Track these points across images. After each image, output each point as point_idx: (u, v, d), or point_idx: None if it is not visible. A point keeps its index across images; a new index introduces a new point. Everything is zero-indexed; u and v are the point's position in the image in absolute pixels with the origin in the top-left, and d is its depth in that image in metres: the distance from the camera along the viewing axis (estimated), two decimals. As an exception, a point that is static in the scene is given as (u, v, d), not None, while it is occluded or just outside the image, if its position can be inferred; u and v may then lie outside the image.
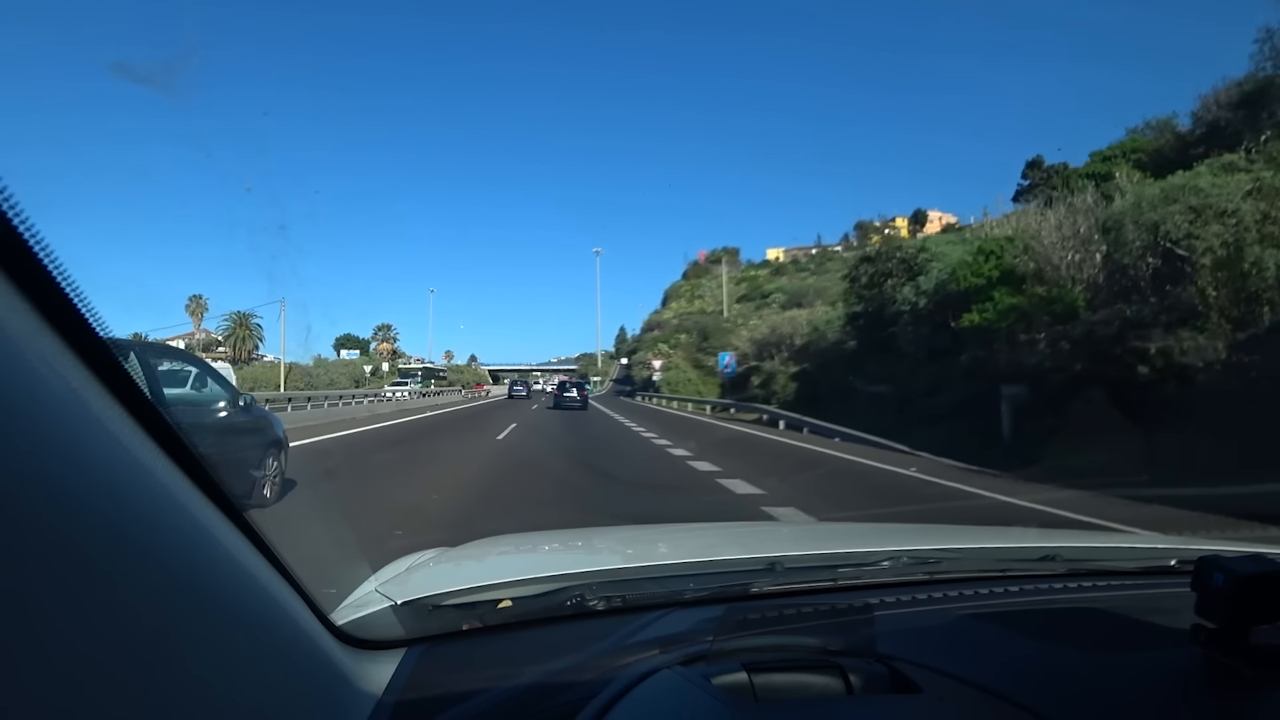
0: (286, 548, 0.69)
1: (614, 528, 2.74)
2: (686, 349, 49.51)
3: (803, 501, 6.45)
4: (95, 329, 0.46)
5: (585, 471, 9.11)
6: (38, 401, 0.40)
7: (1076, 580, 1.24)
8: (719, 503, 6.65)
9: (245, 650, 0.58)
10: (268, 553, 0.65)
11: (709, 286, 67.86)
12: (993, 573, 1.26)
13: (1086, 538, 1.81)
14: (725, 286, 60.13)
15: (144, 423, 0.50)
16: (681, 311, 64.48)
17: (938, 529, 1.95)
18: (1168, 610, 0.89)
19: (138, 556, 0.46)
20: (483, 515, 5.57)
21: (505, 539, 1.75)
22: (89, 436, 0.44)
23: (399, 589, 1.05)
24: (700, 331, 50.49)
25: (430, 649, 0.93)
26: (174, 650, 0.48)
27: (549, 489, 7.38)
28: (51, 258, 0.42)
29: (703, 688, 0.71)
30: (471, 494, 6.79)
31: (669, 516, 5.25)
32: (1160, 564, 1.29)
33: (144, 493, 0.49)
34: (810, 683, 0.75)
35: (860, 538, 1.66)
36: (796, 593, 1.13)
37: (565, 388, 28.69)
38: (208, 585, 0.54)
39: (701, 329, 50.79)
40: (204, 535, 0.54)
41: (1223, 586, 0.67)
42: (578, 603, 1.04)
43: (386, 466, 8.77)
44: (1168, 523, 5.49)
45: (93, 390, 0.46)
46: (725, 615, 0.87)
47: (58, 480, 0.41)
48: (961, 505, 6.92)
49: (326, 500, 6.13)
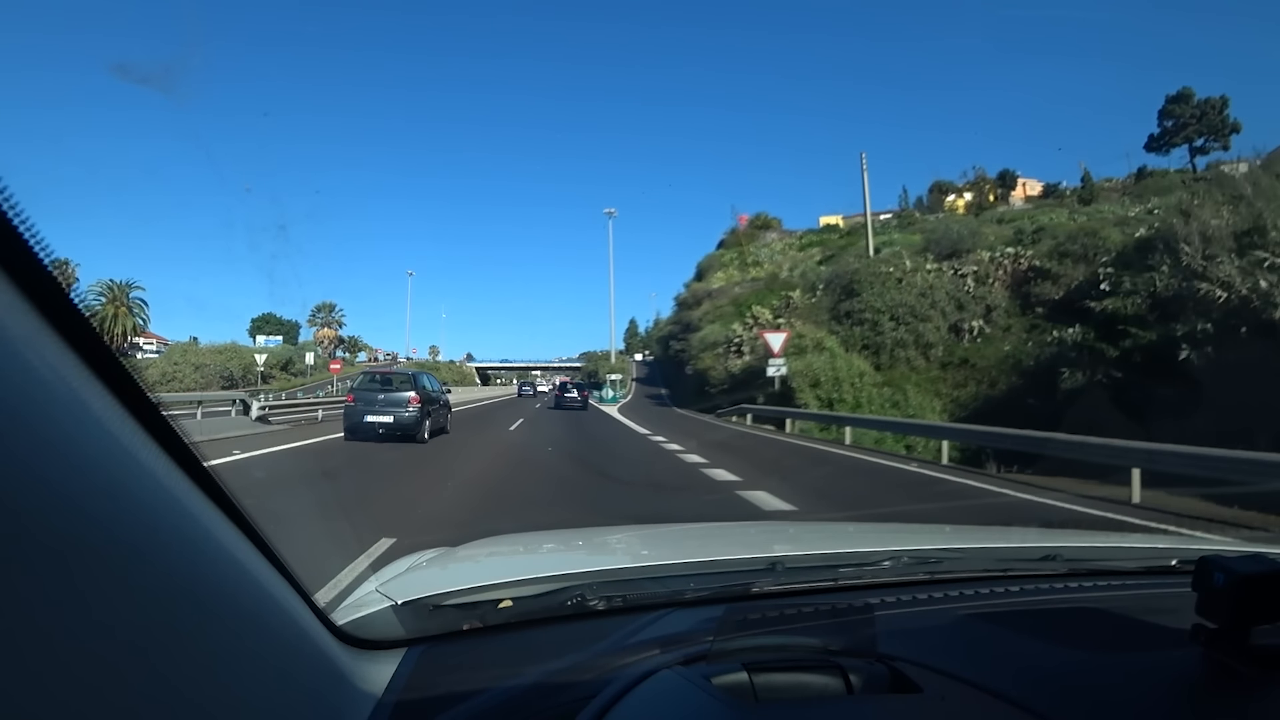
0: (287, 547, 0.69)
1: (614, 527, 2.74)
2: (809, 312, 28.95)
3: None
4: (96, 329, 0.46)
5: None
6: (38, 402, 0.40)
7: (1077, 580, 1.24)
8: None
9: (245, 650, 0.58)
10: (268, 552, 0.65)
11: (766, 253, 51.01)
12: (994, 572, 1.26)
13: (1087, 538, 1.82)
14: (867, 201, 36.23)
15: (144, 423, 0.50)
16: (734, 280, 46.67)
17: (939, 529, 1.95)
18: (1168, 610, 0.89)
19: (138, 556, 0.46)
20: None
21: (505, 539, 1.75)
22: (89, 437, 0.44)
23: (399, 589, 1.05)
24: (839, 283, 29.11)
25: (430, 649, 0.94)
26: (174, 650, 0.48)
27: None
28: (52, 258, 0.42)
29: (703, 688, 0.71)
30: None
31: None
32: (1161, 564, 1.30)
33: (144, 493, 0.48)
34: (811, 682, 0.75)
35: (861, 537, 1.66)
36: (797, 592, 1.14)
37: (566, 388, 30.30)
38: (208, 585, 0.54)
39: (839, 280, 29.44)
40: (204, 535, 0.54)
41: (1223, 586, 0.67)
42: (578, 603, 1.04)
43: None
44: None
45: (93, 390, 0.46)
46: (726, 615, 0.87)
47: (58, 480, 0.40)
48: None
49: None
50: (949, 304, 25.34)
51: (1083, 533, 2.39)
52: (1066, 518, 6.52)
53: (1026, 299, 24.51)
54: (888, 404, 21.17)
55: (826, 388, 21.23)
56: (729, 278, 48.53)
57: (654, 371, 57.88)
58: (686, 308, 49.47)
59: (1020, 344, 22.18)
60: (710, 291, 46.69)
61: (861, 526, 3.19)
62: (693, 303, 48.09)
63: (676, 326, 50.41)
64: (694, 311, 45.11)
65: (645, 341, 78.78)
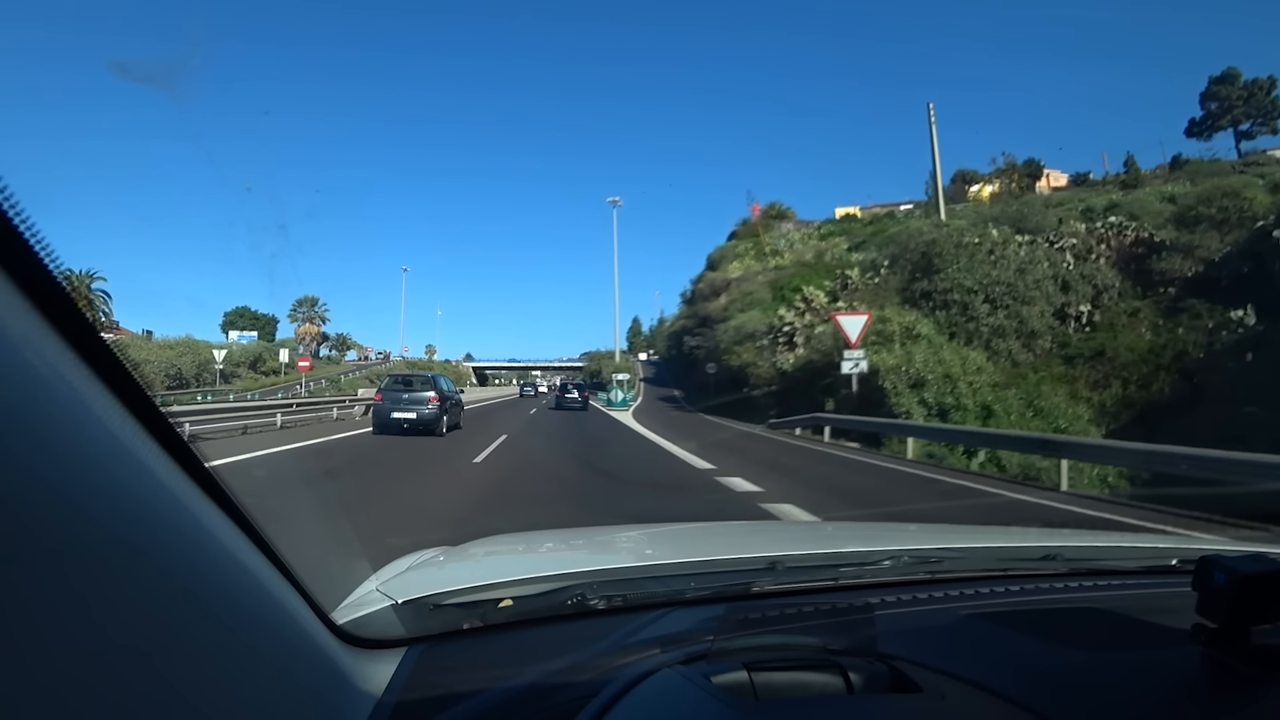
0: (287, 547, 0.70)
1: (615, 527, 2.75)
2: (873, 294, 23.62)
3: None
4: (96, 329, 0.46)
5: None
6: (38, 401, 0.41)
7: (1078, 580, 1.24)
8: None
9: (246, 649, 0.59)
10: (269, 552, 0.65)
11: (784, 242, 44.56)
12: (994, 572, 1.27)
13: (1088, 537, 1.81)
14: (936, 156, 32.47)
15: (145, 422, 0.51)
16: (753, 269, 40.79)
17: (939, 528, 1.95)
18: (1169, 610, 0.89)
19: (138, 556, 0.46)
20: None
21: (506, 538, 1.76)
22: (90, 436, 0.44)
23: (400, 588, 1.06)
24: (909, 257, 23.54)
25: (431, 648, 0.94)
26: (175, 649, 0.49)
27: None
28: (52, 257, 0.42)
29: (703, 687, 0.71)
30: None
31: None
32: (1161, 563, 1.30)
33: (145, 492, 0.49)
34: (811, 682, 0.75)
35: (862, 537, 1.66)
36: (797, 592, 1.14)
37: (566, 389, 30.79)
38: (209, 584, 0.54)
39: (909, 253, 23.76)
40: (205, 534, 0.55)
41: (1224, 586, 0.67)
42: (578, 602, 1.04)
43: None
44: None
45: (93, 390, 0.46)
46: (726, 614, 0.87)
47: (58, 480, 0.41)
48: None
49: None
50: (1052, 284, 20.80)
51: (1083, 532, 2.39)
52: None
53: (1142, 276, 20.84)
54: (1027, 411, 16.33)
55: (935, 390, 15.76)
56: (746, 267, 42.29)
57: (662, 371, 54.56)
58: (702, 299, 44.13)
59: (1161, 330, 18.28)
60: (729, 280, 40.70)
61: (862, 526, 3.15)
62: (709, 294, 42.80)
63: (690, 320, 45.70)
64: (713, 303, 39.93)
65: (649, 340, 75.39)
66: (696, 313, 44.67)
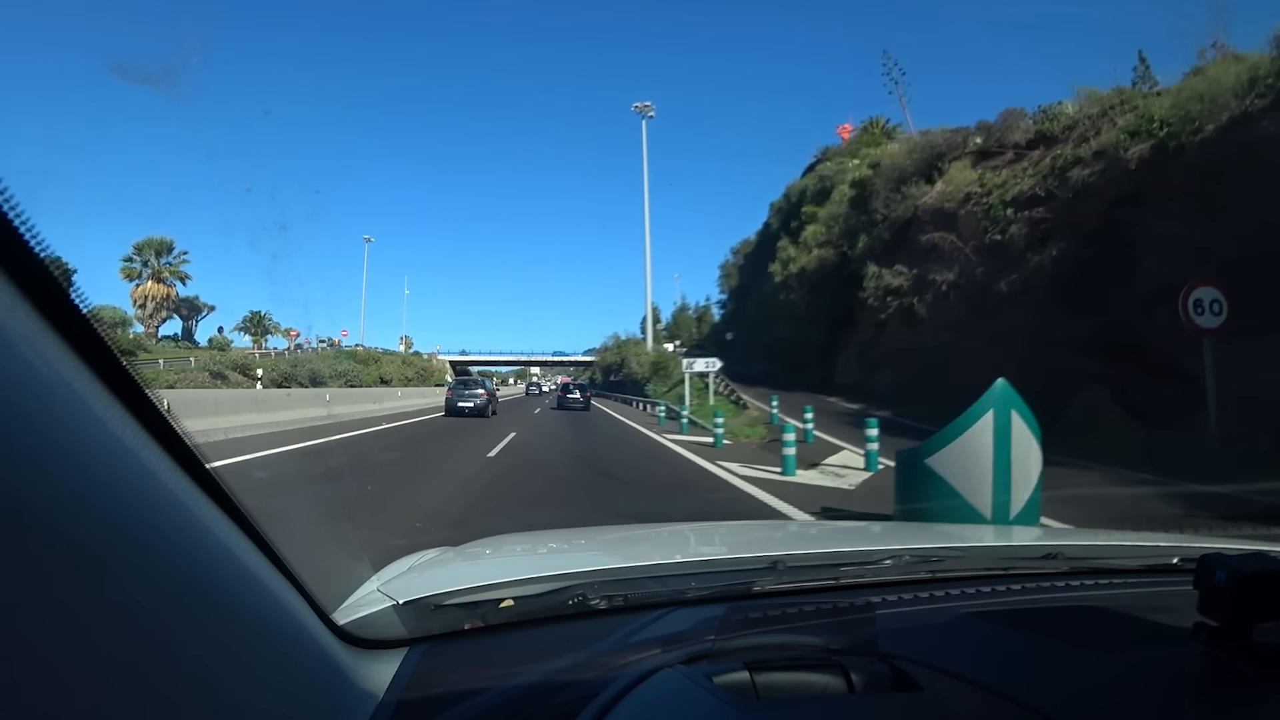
0: (288, 547, 0.70)
1: (616, 526, 2.75)
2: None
3: None
4: (97, 329, 0.46)
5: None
6: (39, 402, 0.41)
7: (1079, 579, 1.24)
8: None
9: (247, 649, 0.59)
10: (270, 552, 0.65)
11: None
12: (995, 571, 1.27)
13: (1089, 536, 1.81)
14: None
15: (146, 423, 0.51)
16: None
17: (939, 528, 1.96)
18: (1170, 608, 0.89)
19: (140, 556, 0.46)
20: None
21: (507, 538, 1.76)
22: (91, 437, 0.45)
23: (401, 588, 1.06)
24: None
25: (432, 648, 0.94)
26: (176, 649, 0.49)
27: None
28: (52, 257, 0.42)
29: (704, 687, 0.71)
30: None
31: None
32: (1163, 562, 1.29)
33: (146, 492, 0.49)
34: (812, 681, 0.75)
35: (862, 536, 1.66)
36: (798, 591, 1.13)
37: (568, 389, 31.24)
38: (210, 584, 0.54)
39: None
40: (206, 535, 0.55)
41: (1225, 584, 0.67)
42: (579, 602, 1.04)
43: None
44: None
45: (94, 391, 0.46)
46: (727, 614, 0.87)
47: (60, 480, 0.41)
48: None
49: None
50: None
51: (1084, 531, 2.37)
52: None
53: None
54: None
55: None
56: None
57: (738, 354, 32.41)
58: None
59: None
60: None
61: (862, 526, 3.13)
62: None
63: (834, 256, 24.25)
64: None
65: (669, 329, 59.36)
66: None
